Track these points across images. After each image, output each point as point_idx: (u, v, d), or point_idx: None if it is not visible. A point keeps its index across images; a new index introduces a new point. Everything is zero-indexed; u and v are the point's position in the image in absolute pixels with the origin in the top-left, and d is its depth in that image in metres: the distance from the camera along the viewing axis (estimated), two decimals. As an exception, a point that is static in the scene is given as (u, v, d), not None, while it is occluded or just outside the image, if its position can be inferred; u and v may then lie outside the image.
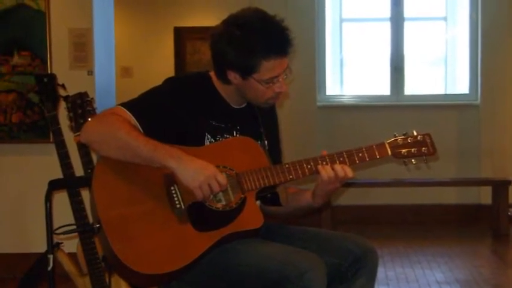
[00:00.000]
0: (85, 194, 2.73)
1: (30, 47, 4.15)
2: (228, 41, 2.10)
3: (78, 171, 2.99)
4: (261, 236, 2.14)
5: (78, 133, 2.81)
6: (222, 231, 2.05)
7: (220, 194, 2.09)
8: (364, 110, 5.98)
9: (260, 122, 2.29)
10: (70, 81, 3.26)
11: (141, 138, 2.03)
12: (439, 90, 6.17)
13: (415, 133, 2.22)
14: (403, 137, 2.21)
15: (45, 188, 2.62)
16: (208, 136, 2.16)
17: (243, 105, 2.27)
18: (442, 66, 6.21)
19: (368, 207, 5.86)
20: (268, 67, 2.10)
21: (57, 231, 2.45)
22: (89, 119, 2.76)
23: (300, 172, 2.15)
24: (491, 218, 5.48)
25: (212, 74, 2.23)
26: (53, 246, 2.66)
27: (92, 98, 2.99)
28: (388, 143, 2.20)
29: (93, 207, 2.05)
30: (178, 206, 2.04)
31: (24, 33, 4.14)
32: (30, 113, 4.16)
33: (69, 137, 2.99)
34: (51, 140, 3.03)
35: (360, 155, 2.16)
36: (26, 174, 4.23)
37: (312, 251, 2.05)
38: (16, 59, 4.14)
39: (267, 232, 2.19)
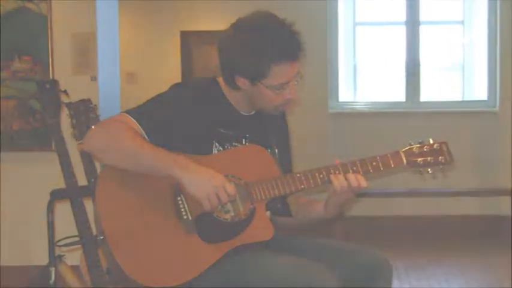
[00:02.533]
0: (88, 204, 2.71)
1: (31, 51, 4.13)
2: (237, 46, 2.10)
3: (81, 180, 2.96)
4: (270, 247, 2.12)
5: (81, 141, 2.81)
6: (231, 243, 2.04)
7: (229, 204, 2.07)
8: (378, 117, 5.93)
9: (270, 130, 2.26)
10: (73, 88, 3.24)
11: (146, 146, 2.01)
12: (456, 97, 6.10)
13: (431, 141, 2.20)
14: (418, 145, 2.19)
15: (47, 198, 2.61)
16: (216, 144, 2.15)
17: (252, 112, 2.25)
18: (459, 71, 6.15)
19: (382, 218, 5.80)
20: (278, 72, 2.09)
21: (59, 243, 2.46)
22: (92, 127, 2.74)
23: (311, 181, 2.12)
24: (511, 229, 5.36)
25: (220, 79, 2.22)
26: (55, 259, 2.67)
27: (96, 105, 2.98)
28: (403, 152, 2.18)
29: (97, 218, 2.04)
30: (185, 217, 2.02)
31: (26, 37, 4.12)
32: (31, 120, 4.14)
33: (71, 145, 2.97)
34: (53, 148, 3.04)
35: (374, 164, 2.14)
36: (27, 184, 4.19)
37: (323, 263, 2.02)
38: (17, 64, 4.13)
39: (277, 244, 2.17)
